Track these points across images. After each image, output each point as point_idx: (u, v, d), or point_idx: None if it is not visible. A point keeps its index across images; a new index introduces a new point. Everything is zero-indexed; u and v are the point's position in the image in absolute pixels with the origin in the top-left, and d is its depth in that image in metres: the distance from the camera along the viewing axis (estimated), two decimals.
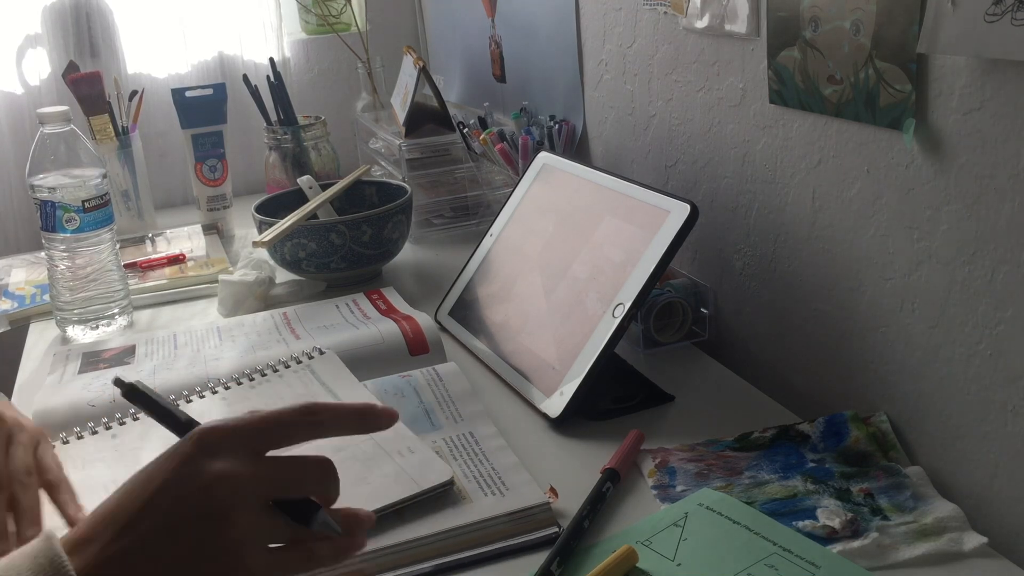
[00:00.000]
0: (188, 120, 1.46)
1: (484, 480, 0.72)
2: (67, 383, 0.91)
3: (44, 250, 1.07)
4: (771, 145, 0.84)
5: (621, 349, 0.88)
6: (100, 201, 1.05)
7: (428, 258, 1.30)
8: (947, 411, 0.69)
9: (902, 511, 0.65)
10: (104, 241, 1.07)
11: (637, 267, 0.83)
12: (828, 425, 0.75)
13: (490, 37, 1.48)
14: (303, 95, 1.78)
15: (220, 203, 1.48)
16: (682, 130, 0.99)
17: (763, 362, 0.91)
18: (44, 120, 1.03)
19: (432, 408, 0.82)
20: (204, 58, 1.71)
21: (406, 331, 0.95)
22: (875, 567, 0.60)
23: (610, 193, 0.92)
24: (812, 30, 0.75)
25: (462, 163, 1.35)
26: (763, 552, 0.61)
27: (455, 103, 1.61)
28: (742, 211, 0.91)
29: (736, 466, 0.72)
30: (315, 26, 1.80)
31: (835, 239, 0.78)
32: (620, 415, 0.83)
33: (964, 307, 0.66)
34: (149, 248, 1.37)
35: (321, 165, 1.46)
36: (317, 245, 1.13)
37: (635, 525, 0.67)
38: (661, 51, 0.99)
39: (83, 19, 1.61)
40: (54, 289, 1.07)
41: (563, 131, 1.22)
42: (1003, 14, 0.55)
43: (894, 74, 0.67)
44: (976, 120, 0.62)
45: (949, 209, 0.66)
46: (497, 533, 0.66)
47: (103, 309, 1.08)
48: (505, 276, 1.00)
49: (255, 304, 1.13)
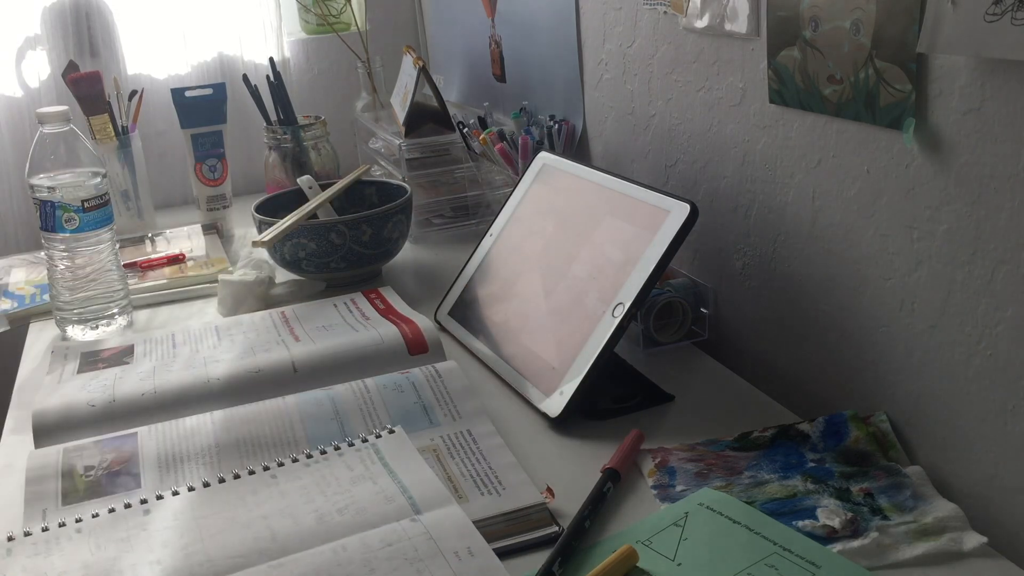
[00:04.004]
0: (188, 120, 1.46)
1: (481, 479, 0.72)
2: (65, 383, 0.91)
3: (44, 250, 1.07)
4: (771, 145, 0.84)
5: (621, 349, 0.88)
6: (100, 201, 1.05)
7: (428, 258, 1.30)
8: (947, 411, 0.69)
9: (902, 511, 0.65)
10: (103, 241, 1.07)
11: (637, 267, 0.83)
12: (828, 425, 0.75)
13: (490, 37, 1.48)
14: (303, 95, 1.78)
15: (220, 203, 1.48)
16: (682, 130, 0.99)
17: (763, 362, 0.91)
18: (43, 120, 1.04)
19: (431, 405, 0.82)
20: (204, 58, 1.71)
21: (405, 331, 0.95)
22: (875, 567, 0.60)
23: (610, 193, 0.92)
24: (812, 30, 0.75)
25: (462, 163, 1.35)
26: (763, 552, 0.61)
27: (455, 103, 1.61)
28: (742, 211, 0.91)
29: (736, 466, 0.72)
30: (315, 26, 1.80)
31: (835, 239, 0.78)
32: (620, 415, 0.83)
33: (964, 307, 0.66)
34: (149, 248, 1.37)
35: (321, 165, 1.46)
36: (317, 245, 1.13)
37: (635, 525, 0.67)
38: (661, 51, 0.99)
39: (83, 19, 1.61)
40: (54, 289, 1.07)
41: (563, 131, 1.22)
42: (1003, 14, 0.55)
43: (894, 74, 0.67)
44: (976, 120, 0.62)
45: (949, 209, 0.66)
46: (493, 533, 0.66)
47: (103, 309, 1.09)
48: (505, 276, 1.00)
49: (255, 304, 1.13)
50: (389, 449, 0.75)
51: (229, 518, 0.68)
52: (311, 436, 0.78)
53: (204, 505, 0.70)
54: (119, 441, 0.79)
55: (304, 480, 0.72)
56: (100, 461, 0.76)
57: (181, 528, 0.67)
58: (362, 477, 0.71)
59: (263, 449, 0.77)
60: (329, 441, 0.77)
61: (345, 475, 0.72)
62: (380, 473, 0.71)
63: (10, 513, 0.74)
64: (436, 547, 0.62)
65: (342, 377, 0.87)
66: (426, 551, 0.62)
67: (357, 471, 0.72)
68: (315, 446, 0.77)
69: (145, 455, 0.77)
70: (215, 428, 0.79)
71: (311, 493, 0.70)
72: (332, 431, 0.79)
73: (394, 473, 0.71)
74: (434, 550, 0.62)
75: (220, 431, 0.78)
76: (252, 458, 0.76)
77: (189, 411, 0.83)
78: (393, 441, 0.76)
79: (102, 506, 0.70)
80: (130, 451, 0.77)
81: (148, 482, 0.74)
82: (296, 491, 0.70)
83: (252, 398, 0.84)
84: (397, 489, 0.69)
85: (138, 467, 0.76)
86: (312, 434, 0.78)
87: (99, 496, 0.73)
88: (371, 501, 0.68)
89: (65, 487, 0.74)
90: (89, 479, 0.74)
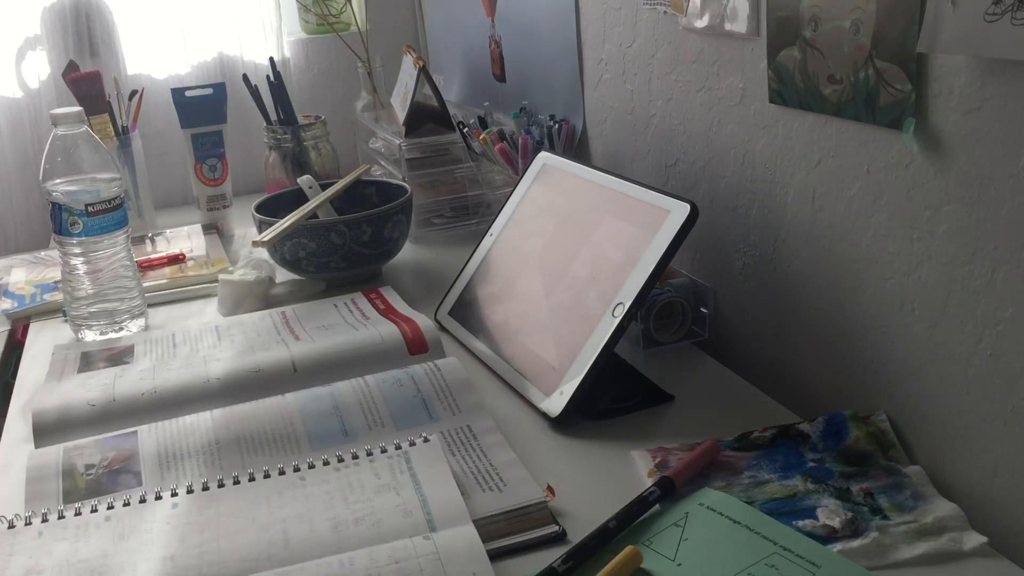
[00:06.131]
0: (188, 120, 1.46)
1: (482, 476, 0.72)
2: (65, 382, 0.91)
3: (58, 252, 1.06)
4: (771, 145, 0.84)
5: (621, 349, 0.88)
6: (107, 206, 1.03)
7: (428, 258, 1.30)
8: (947, 411, 0.69)
9: (902, 511, 0.65)
10: (113, 246, 1.06)
11: (637, 267, 0.83)
12: (828, 425, 0.75)
13: (490, 37, 1.48)
14: (303, 95, 1.78)
15: (220, 203, 1.48)
16: (682, 130, 0.99)
17: (763, 362, 0.91)
18: (57, 121, 1.02)
19: (430, 398, 0.82)
20: (204, 58, 1.71)
21: (405, 330, 0.95)
22: (875, 567, 0.60)
23: (610, 193, 0.92)
24: (812, 30, 0.75)
25: (462, 163, 1.35)
26: (763, 552, 0.61)
27: (455, 103, 1.61)
28: (742, 211, 0.91)
29: (736, 466, 0.72)
30: (315, 26, 1.80)
31: (835, 239, 0.78)
32: (620, 415, 0.83)
33: (964, 307, 0.66)
34: (149, 248, 1.37)
35: (321, 165, 1.46)
36: (317, 245, 1.13)
37: (635, 525, 0.67)
38: (661, 51, 0.99)
39: (83, 19, 1.61)
40: (65, 291, 1.07)
41: (563, 131, 1.22)
42: (1003, 14, 0.55)
43: (894, 74, 0.67)
44: (976, 120, 0.62)
45: (949, 209, 0.66)
46: (494, 532, 0.66)
47: (115, 312, 1.07)
48: (505, 276, 1.00)
49: (255, 304, 1.13)
50: (420, 458, 0.74)
51: (250, 518, 0.68)
52: (311, 432, 0.78)
53: (230, 502, 0.70)
54: (119, 439, 0.79)
55: (330, 485, 0.71)
56: (101, 460, 0.76)
57: (203, 524, 0.68)
58: (387, 487, 0.70)
59: (264, 446, 0.77)
60: (330, 437, 0.77)
61: (371, 483, 0.71)
62: (405, 484, 0.71)
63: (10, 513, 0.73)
64: (442, 571, 0.62)
65: (342, 376, 0.86)
66: (431, 573, 0.61)
67: (384, 479, 0.71)
68: (319, 443, 0.77)
69: (145, 453, 0.77)
70: (215, 425, 0.79)
71: (333, 499, 0.69)
72: (332, 427, 0.79)
73: (419, 484, 0.71)
74: (439, 574, 0.61)
75: (220, 428, 0.78)
76: (253, 455, 0.76)
77: (189, 410, 0.83)
78: (425, 451, 0.74)
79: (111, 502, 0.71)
80: (130, 449, 0.77)
81: (149, 480, 0.74)
82: (320, 495, 0.70)
83: (252, 397, 0.84)
84: (418, 502, 0.68)
85: (139, 465, 0.76)
86: (312, 430, 0.78)
87: (100, 495, 0.73)
88: (389, 513, 0.67)
89: (66, 486, 0.74)
90: (90, 478, 0.75)
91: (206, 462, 0.75)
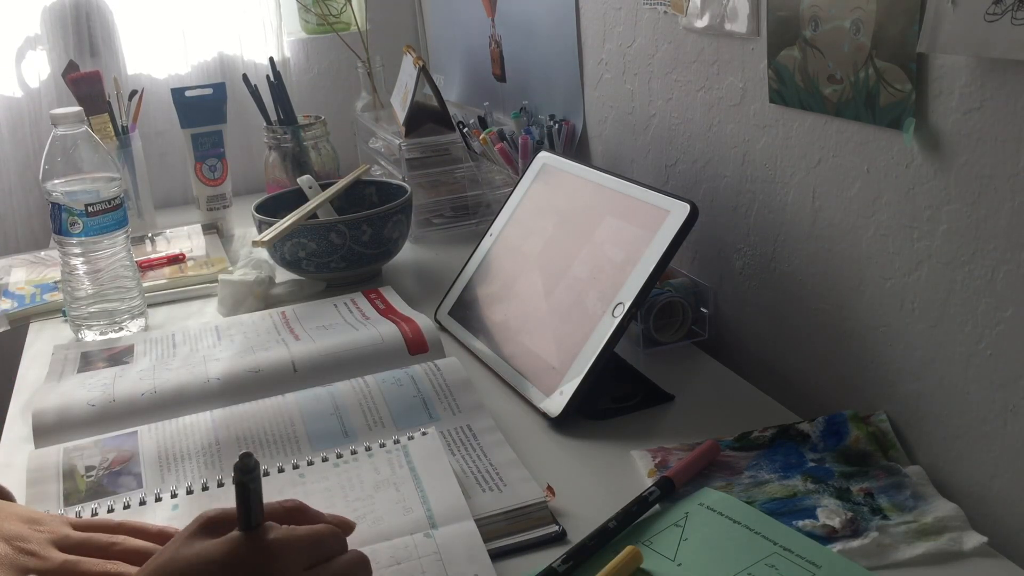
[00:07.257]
0: (188, 120, 1.46)
1: (482, 476, 0.72)
2: (65, 382, 0.91)
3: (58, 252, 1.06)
4: (771, 145, 0.84)
5: (621, 349, 0.88)
6: (107, 206, 1.03)
7: (428, 258, 1.30)
8: (947, 411, 0.69)
9: (902, 510, 0.65)
10: (112, 246, 1.05)
11: (637, 267, 0.83)
12: (828, 424, 0.75)
13: (490, 37, 1.48)
14: (303, 95, 1.78)
15: (220, 203, 1.48)
16: (682, 130, 0.99)
17: (763, 362, 0.91)
18: (57, 121, 1.02)
19: (430, 398, 0.82)
20: (204, 58, 1.71)
21: (405, 330, 0.95)
22: (875, 566, 0.60)
23: (610, 193, 0.92)
24: (812, 29, 0.75)
25: (462, 163, 1.35)
26: (763, 551, 0.61)
27: (455, 103, 1.61)
28: (742, 211, 0.91)
29: (736, 466, 0.72)
30: (315, 26, 1.80)
31: (835, 239, 0.78)
32: (620, 415, 0.83)
33: (964, 307, 0.66)
34: (149, 248, 1.37)
35: (321, 165, 1.46)
36: (317, 245, 1.13)
37: (635, 525, 0.67)
38: (661, 51, 0.99)
39: (83, 19, 1.61)
40: (65, 291, 1.07)
41: (563, 131, 1.22)
42: (1003, 14, 0.55)
43: (894, 74, 0.67)
44: (976, 120, 0.62)
45: (949, 209, 0.66)
46: (494, 532, 0.66)
47: (115, 312, 1.07)
48: (505, 276, 1.00)
49: (255, 304, 1.13)
50: (418, 452, 0.74)
51: None
52: (311, 432, 0.78)
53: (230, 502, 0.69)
54: (119, 440, 0.79)
55: (330, 482, 0.71)
56: (101, 461, 0.76)
57: None
58: (387, 482, 0.70)
59: (264, 446, 0.77)
60: (330, 437, 0.77)
61: (371, 479, 0.71)
62: (405, 479, 0.71)
63: None
64: (444, 571, 0.62)
65: (342, 377, 0.86)
66: (433, 574, 0.61)
67: (383, 474, 0.71)
68: (319, 443, 0.77)
69: (145, 454, 0.77)
70: (215, 426, 0.79)
71: (334, 497, 0.69)
72: (332, 427, 0.79)
73: (419, 479, 0.70)
74: (441, 574, 0.61)
75: (220, 428, 0.78)
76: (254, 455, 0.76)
77: (188, 410, 0.83)
78: (424, 444, 0.75)
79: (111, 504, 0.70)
80: (131, 450, 0.77)
81: (149, 481, 0.74)
82: (320, 493, 0.70)
83: (252, 397, 0.84)
84: (418, 498, 0.68)
85: (139, 466, 0.76)
86: (312, 430, 0.78)
87: (101, 497, 0.73)
88: (389, 511, 0.67)
89: (67, 488, 0.74)
90: (90, 479, 0.74)
91: (206, 462, 0.75)
